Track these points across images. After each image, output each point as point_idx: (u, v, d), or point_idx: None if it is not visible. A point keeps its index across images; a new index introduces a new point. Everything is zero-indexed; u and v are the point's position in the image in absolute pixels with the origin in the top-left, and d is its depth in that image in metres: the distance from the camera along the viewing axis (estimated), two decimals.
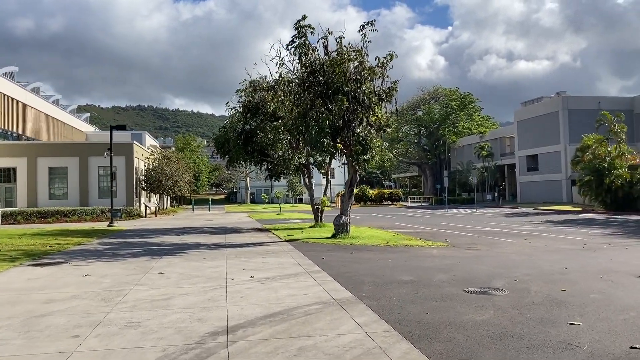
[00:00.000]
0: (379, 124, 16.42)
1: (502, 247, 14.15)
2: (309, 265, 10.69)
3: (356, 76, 15.23)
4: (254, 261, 11.55)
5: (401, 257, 12.15)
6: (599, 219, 27.45)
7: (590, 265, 10.38)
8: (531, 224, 24.04)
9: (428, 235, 18.70)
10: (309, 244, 15.39)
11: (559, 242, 15.47)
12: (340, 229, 16.88)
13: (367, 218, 32.93)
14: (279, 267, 10.61)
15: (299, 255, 12.39)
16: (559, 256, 11.91)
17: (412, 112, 79.54)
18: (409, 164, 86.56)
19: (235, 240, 17.03)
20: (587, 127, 44.43)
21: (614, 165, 34.07)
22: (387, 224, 25.86)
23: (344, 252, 13.13)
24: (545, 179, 52.05)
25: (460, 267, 10.27)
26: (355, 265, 10.71)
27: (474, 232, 19.60)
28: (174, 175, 42.53)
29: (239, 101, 22.25)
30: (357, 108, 15.50)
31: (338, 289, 8.09)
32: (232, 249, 14.36)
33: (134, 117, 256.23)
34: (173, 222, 30.21)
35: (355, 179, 17.32)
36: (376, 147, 16.30)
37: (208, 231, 22.18)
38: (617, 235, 17.31)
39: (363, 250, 13.69)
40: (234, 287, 8.44)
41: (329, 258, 11.97)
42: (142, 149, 45.19)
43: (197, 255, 12.96)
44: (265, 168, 24.71)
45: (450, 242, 15.92)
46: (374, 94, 15.40)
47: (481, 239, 16.96)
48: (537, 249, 13.52)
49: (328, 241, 15.99)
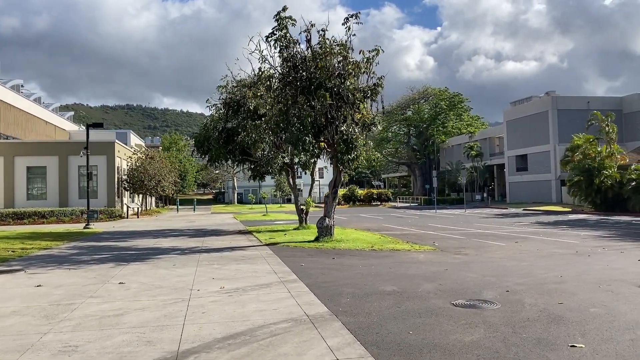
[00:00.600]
0: (364, 122, 15.66)
1: (492, 252, 13.46)
2: (286, 274, 9.88)
3: (340, 71, 14.44)
4: (226, 269, 10.71)
5: (386, 263, 11.39)
6: (589, 220, 26.97)
7: (587, 272, 9.69)
8: (521, 226, 23.46)
9: (415, 238, 17.98)
10: (290, 249, 14.58)
11: (550, 245, 14.83)
12: (324, 232, 16.08)
13: (355, 219, 32.19)
14: (253, 275, 9.78)
15: (277, 262, 11.57)
16: (552, 262, 11.23)
17: (401, 111, 79.08)
18: (399, 164, 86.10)
19: (212, 244, 16.16)
20: (577, 127, 44.16)
21: (604, 166, 33.70)
22: (374, 226, 25.13)
23: (325, 258, 12.33)
24: (535, 179, 51.75)
25: (447, 275, 9.53)
26: (336, 273, 9.92)
27: (463, 235, 18.93)
28: (157, 175, 41.43)
29: (220, 98, 21.34)
30: (341, 105, 14.72)
31: (313, 303, 7.29)
32: (207, 254, 13.49)
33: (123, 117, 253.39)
34: (154, 224, 29.20)
35: (339, 180, 16.54)
36: (361, 147, 15.52)
37: (187, 234, 21.26)
38: (610, 238, 16.73)
39: (346, 255, 12.90)
40: (198, 300, 7.60)
41: (308, 264, 11.16)
42: (125, 148, 44.00)
43: (168, 261, 12.08)
44: (248, 168, 23.84)
45: (438, 245, 15.21)
46: (359, 91, 14.63)
47: (470, 242, 16.28)
48: (529, 254, 12.85)
49: (310, 245, 15.19)
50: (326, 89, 14.03)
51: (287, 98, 14.88)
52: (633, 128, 48.55)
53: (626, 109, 49.71)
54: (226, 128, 21.20)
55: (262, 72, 14.77)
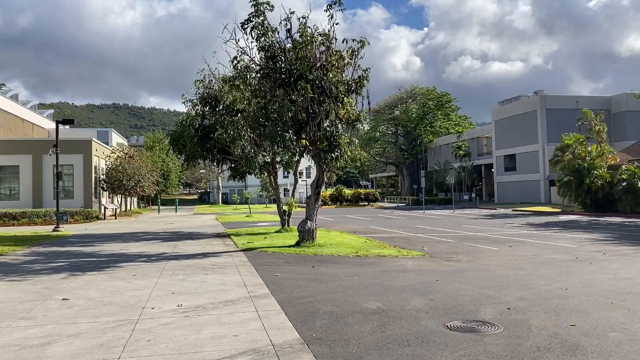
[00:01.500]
0: (348, 118, 14.57)
1: (485, 257, 12.46)
2: (257, 287, 8.73)
3: (322, 62, 13.33)
4: (191, 280, 9.53)
5: (371, 271, 10.31)
6: (580, 221, 26.23)
7: (594, 283, 8.70)
8: (512, 227, 22.58)
9: (403, 241, 16.95)
10: (267, 255, 13.42)
11: (547, 250, 13.88)
12: (305, 235, 14.96)
13: (341, 220, 31.13)
14: (219, 289, 8.61)
15: (250, 272, 10.41)
16: (553, 270, 10.24)
17: (389, 111, 78.32)
18: (386, 164, 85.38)
19: (184, 250, 14.93)
20: (565, 126, 43.68)
21: (594, 165, 33.07)
22: (360, 228, 24.07)
23: (304, 266, 11.20)
24: (523, 179, 51.19)
25: (439, 287, 8.47)
26: (314, 286, 8.80)
27: (453, 237, 17.95)
28: (137, 174, 39.90)
29: (196, 93, 20.08)
30: (324, 99, 13.61)
31: (282, 326, 6.16)
32: (176, 261, 12.28)
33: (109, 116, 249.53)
34: (130, 226, 27.81)
35: (322, 180, 15.42)
36: (345, 145, 14.43)
37: (161, 237, 19.98)
38: (608, 242, 15.86)
39: (328, 262, 11.79)
40: (147, 322, 6.43)
41: (284, 275, 10.02)
42: (104, 147, 42.39)
43: (129, 270, 10.85)
44: (227, 167, 22.62)
45: (428, 250, 14.18)
46: (343, 84, 13.52)
47: (461, 246, 15.29)
48: (526, 260, 11.86)
49: (290, 250, 14.05)
50: (307, 80, 12.91)
51: (266, 91, 13.73)
52: (621, 128, 48.24)
53: (614, 108, 49.39)
54: (203, 125, 19.96)
55: (237, 61, 13.58)
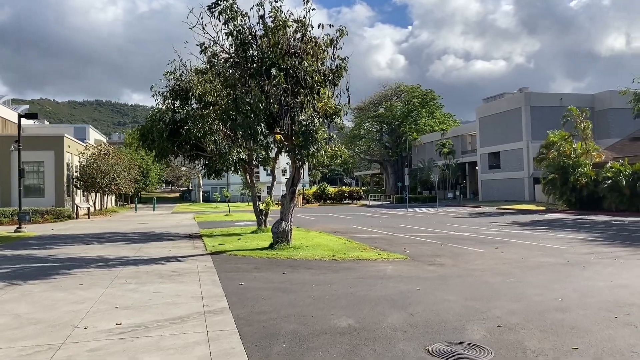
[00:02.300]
0: (325, 111, 13.57)
1: (471, 261, 11.59)
2: (215, 299, 7.70)
3: (296, 50, 12.31)
4: (143, 290, 8.45)
5: (346, 279, 9.35)
6: (566, 220, 25.68)
7: (591, 292, 7.86)
8: (498, 227, 21.87)
9: (384, 242, 16.05)
10: (237, 259, 12.38)
11: (535, 252, 13.09)
12: (280, 237, 13.94)
13: (323, 219, 30.17)
14: (172, 301, 7.56)
15: (212, 280, 9.37)
16: (544, 276, 9.40)
17: (373, 108, 77.63)
18: (371, 162, 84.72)
19: (148, 253, 13.79)
20: (550, 124, 43.30)
21: (579, 163, 32.67)
22: (341, 227, 23.14)
23: (274, 273, 10.19)
24: (507, 177, 50.86)
25: (420, 298, 7.55)
26: (281, 297, 7.80)
27: (437, 238, 17.11)
28: (111, 172, 38.40)
29: (167, 86, 18.87)
30: (298, 90, 12.58)
31: (232, 352, 5.15)
32: (134, 267, 11.17)
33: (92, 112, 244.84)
34: (101, 226, 26.46)
35: (298, 177, 14.42)
36: (322, 140, 13.43)
37: (129, 238, 18.77)
38: (598, 242, 15.15)
39: (301, 267, 10.80)
40: (72, 348, 5.37)
41: (250, 283, 9.00)
42: (77, 143, 40.70)
43: (77, 279, 9.71)
44: (202, 164, 21.48)
45: (409, 252, 13.28)
46: (318, 73, 12.51)
47: (445, 247, 14.43)
48: (514, 264, 11.03)
49: (262, 254, 13.02)
50: (280, 69, 11.88)
51: (235, 81, 12.66)
52: (605, 125, 48.13)
53: (598, 106, 49.30)
54: (174, 119, 18.79)
55: (205, 48, 12.47)
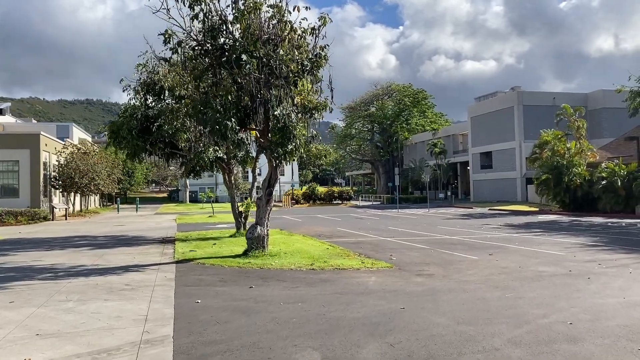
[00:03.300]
0: (305, 105, 12.38)
1: (463, 270, 10.45)
2: (160, 323, 6.47)
3: (270, 36, 11.09)
4: (81, 310, 7.19)
5: (322, 294, 8.16)
6: (561, 222, 24.71)
7: (603, 313, 6.74)
8: (490, 229, 20.80)
9: (370, 247, 14.89)
10: (204, 268, 11.13)
11: (532, 259, 11.99)
12: (254, 243, 12.71)
13: (309, 221, 28.97)
14: (108, 325, 6.32)
15: (166, 296, 8.12)
16: (546, 291, 8.27)
17: (364, 108, 76.64)
18: (362, 161, 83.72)
19: (109, 261, 12.50)
20: (543, 123, 42.39)
21: (573, 163, 31.76)
22: (327, 230, 21.96)
23: (240, 287, 8.96)
24: (500, 177, 49.98)
25: (404, 321, 6.37)
26: (239, 321, 6.59)
27: (426, 242, 15.98)
28: (91, 171, 36.89)
29: (138, 79, 17.54)
30: (274, 81, 11.36)
31: None
32: (84, 279, 9.88)
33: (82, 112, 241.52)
34: (74, 228, 25.05)
35: (274, 178, 13.19)
36: (301, 137, 12.23)
37: (96, 243, 17.44)
38: (599, 248, 14.09)
39: (272, 279, 9.58)
40: None
41: (209, 300, 7.78)
42: (55, 142, 39.12)
43: (11, 294, 8.42)
44: (180, 163, 20.20)
45: (396, 260, 12.12)
46: (295, 62, 11.29)
47: (435, 253, 13.29)
48: (511, 274, 9.90)
49: (234, 262, 11.78)
50: (252, 56, 10.66)
51: (202, 71, 11.41)
52: (598, 125, 47.40)
53: (591, 105, 48.55)
54: (146, 115, 17.48)
55: (168, 35, 11.22)
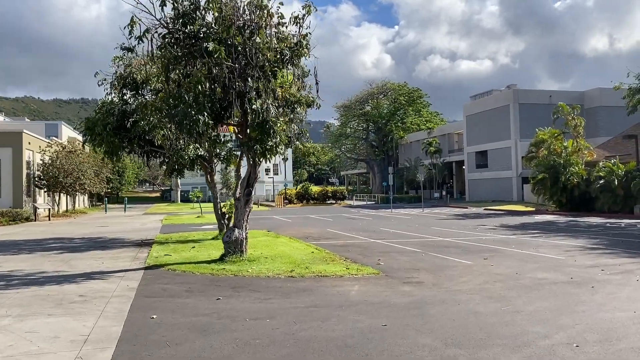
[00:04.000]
0: (286, 98, 11.48)
1: (455, 278, 9.59)
2: (101, 346, 5.56)
3: (245, 21, 10.18)
4: (15, 329, 6.26)
5: (296, 307, 7.28)
6: (558, 223, 23.92)
7: (613, 332, 5.88)
8: (486, 230, 19.97)
9: (358, 251, 14.01)
10: (173, 275, 10.22)
11: (530, 264, 11.15)
12: (232, 247, 11.81)
13: (300, 221, 28.07)
14: (36, 352, 5.40)
15: (119, 310, 7.21)
16: (547, 303, 7.41)
17: (360, 106, 75.82)
18: (357, 161, 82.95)
19: (74, 267, 11.57)
20: (539, 121, 41.62)
21: (570, 162, 31.00)
22: (316, 231, 21.09)
23: (206, 298, 8.06)
24: (495, 177, 49.22)
25: (385, 343, 5.50)
26: (193, 343, 5.69)
27: (419, 245, 15.12)
28: (76, 170, 35.84)
29: (115, 72, 16.59)
30: (251, 72, 10.45)
31: None
32: (38, 288, 8.94)
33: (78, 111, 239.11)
34: (53, 230, 24.04)
35: (254, 176, 12.29)
36: (281, 132, 11.33)
37: (69, 246, 16.48)
38: (600, 251, 13.26)
39: (245, 289, 8.68)
40: None
41: (165, 316, 6.87)
42: (40, 140, 38.05)
43: None
44: (161, 162, 19.25)
45: (384, 265, 11.26)
46: (272, 50, 10.38)
47: (426, 257, 12.44)
48: (508, 282, 9.04)
49: (208, 268, 10.87)
50: (223, 44, 9.75)
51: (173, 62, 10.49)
52: (594, 124, 46.63)
53: (587, 104, 47.85)
54: (123, 110, 16.54)
55: (133, 22, 10.29)
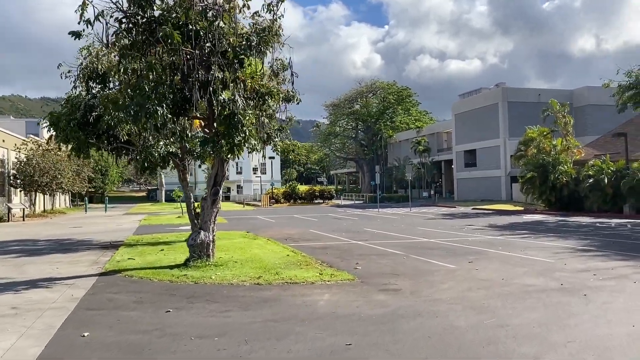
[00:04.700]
0: (256, 90, 10.61)
1: (437, 284, 8.79)
2: None
3: (207, 4, 9.27)
4: None
5: (253, 322, 6.41)
6: (548, 222, 23.30)
7: (610, 349, 5.09)
8: (472, 231, 19.25)
9: (337, 253, 13.18)
10: (128, 283, 9.30)
11: (518, 268, 10.39)
12: (197, 252, 10.92)
13: (284, 221, 27.18)
14: None
15: (48, 326, 6.29)
16: (536, 314, 6.62)
17: (349, 105, 75.11)
18: (346, 160, 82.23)
19: (23, 273, 10.58)
20: (528, 120, 41.14)
21: (559, 161, 30.45)
22: (297, 232, 20.23)
23: (154, 310, 7.16)
24: (484, 176, 48.70)
25: None
26: None
27: (402, 247, 14.32)
28: (53, 169, 34.59)
29: (80, 64, 15.55)
30: (215, 59, 9.55)
31: None
32: None
33: None
34: (24, 231, 22.90)
35: (221, 175, 11.41)
36: (250, 126, 10.44)
37: (31, 249, 15.44)
38: (591, 253, 12.55)
39: (200, 300, 7.79)
40: None
41: (98, 334, 5.96)
42: (16, 138, 36.71)
43: None
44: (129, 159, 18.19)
45: (361, 269, 10.44)
46: (236, 36, 9.49)
47: (408, 261, 11.63)
48: (492, 289, 8.25)
49: (168, 275, 9.95)
50: (180, 26, 8.85)
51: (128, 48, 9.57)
52: (583, 122, 46.31)
53: (576, 102, 47.51)
54: (90, 104, 15.52)
55: (85, 4, 9.36)
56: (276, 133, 15.19)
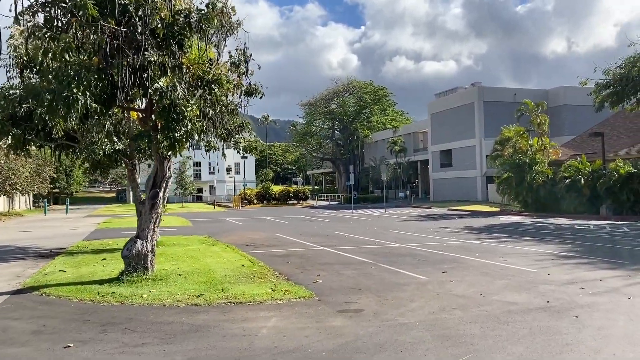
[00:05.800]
0: (200, 76, 9.20)
1: (404, 304, 7.55)
2: None
3: None
4: None
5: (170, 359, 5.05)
6: (525, 224, 22.49)
7: None
8: (448, 234, 18.20)
9: (299, 262, 11.87)
10: (39, 304, 7.77)
11: (497, 280, 9.26)
12: (133, 264, 9.45)
13: (252, 224, 25.74)
14: None
15: None
16: (520, 346, 5.42)
17: (325, 104, 73.84)
18: (323, 160, 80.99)
19: None
20: (504, 120, 40.64)
21: (535, 161, 29.82)
22: (263, 236, 18.86)
23: (51, 345, 5.70)
24: (459, 176, 48.12)
25: None
26: None
27: (371, 253, 13.10)
28: (5, 169, 32.40)
29: (14, 50, 13.87)
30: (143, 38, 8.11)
31: None
32: None
33: None
34: None
35: (161, 175, 9.98)
36: (193, 118, 9.03)
37: None
38: (575, 260, 11.54)
39: (115, 328, 6.36)
40: None
41: None
42: None
43: None
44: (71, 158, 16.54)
45: (321, 283, 9.15)
46: (177, 14, 8.09)
47: (375, 271, 10.40)
48: (469, 311, 7.06)
49: (92, 292, 8.46)
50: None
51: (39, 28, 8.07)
52: (559, 123, 46.13)
53: (551, 102, 47.25)
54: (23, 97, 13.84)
55: None
56: (237, 129, 13.78)
